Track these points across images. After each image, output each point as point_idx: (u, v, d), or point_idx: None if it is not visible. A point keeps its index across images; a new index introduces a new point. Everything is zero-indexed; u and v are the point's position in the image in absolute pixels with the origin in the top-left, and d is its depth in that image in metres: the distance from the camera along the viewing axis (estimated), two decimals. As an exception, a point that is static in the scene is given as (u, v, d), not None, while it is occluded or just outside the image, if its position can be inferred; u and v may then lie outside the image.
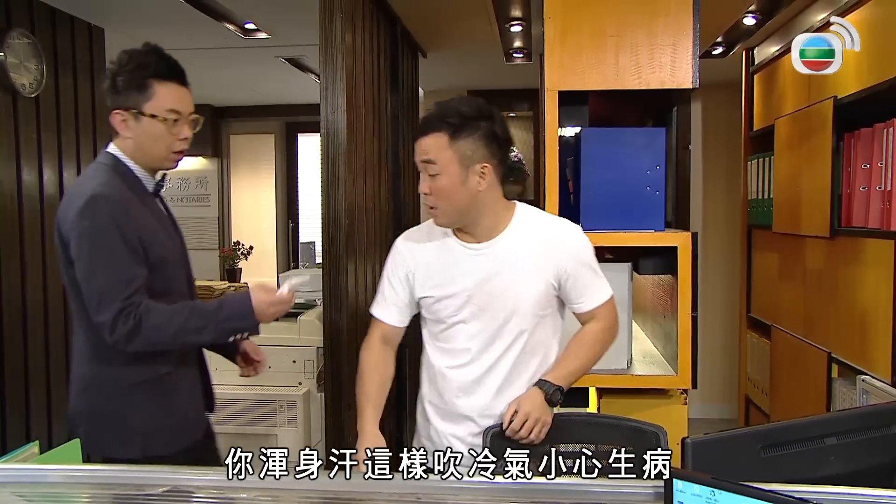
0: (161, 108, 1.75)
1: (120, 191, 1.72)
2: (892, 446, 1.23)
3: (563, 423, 1.78)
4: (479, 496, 1.11)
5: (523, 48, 4.15)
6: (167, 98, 1.76)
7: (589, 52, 2.43)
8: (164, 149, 1.78)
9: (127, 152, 1.79)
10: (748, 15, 3.41)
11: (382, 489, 1.13)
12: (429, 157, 1.69)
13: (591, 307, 1.81)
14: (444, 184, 1.69)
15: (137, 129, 1.76)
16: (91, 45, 3.71)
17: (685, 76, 2.39)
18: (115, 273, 1.66)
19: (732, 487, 0.99)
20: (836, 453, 1.21)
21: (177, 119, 1.77)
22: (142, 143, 1.77)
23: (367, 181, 3.16)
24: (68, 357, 3.50)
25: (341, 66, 2.78)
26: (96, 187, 1.69)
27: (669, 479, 1.06)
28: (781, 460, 1.18)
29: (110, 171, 1.76)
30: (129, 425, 1.72)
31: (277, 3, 3.36)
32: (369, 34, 3.22)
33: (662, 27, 2.39)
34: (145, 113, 1.74)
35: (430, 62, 4.48)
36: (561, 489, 1.11)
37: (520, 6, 3.39)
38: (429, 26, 3.88)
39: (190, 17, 3.47)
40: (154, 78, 1.75)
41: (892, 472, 1.22)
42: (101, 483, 1.15)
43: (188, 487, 1.09)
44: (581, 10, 2.43)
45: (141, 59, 1.77)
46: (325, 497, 1.15)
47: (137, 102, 1.74)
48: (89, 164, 3.59)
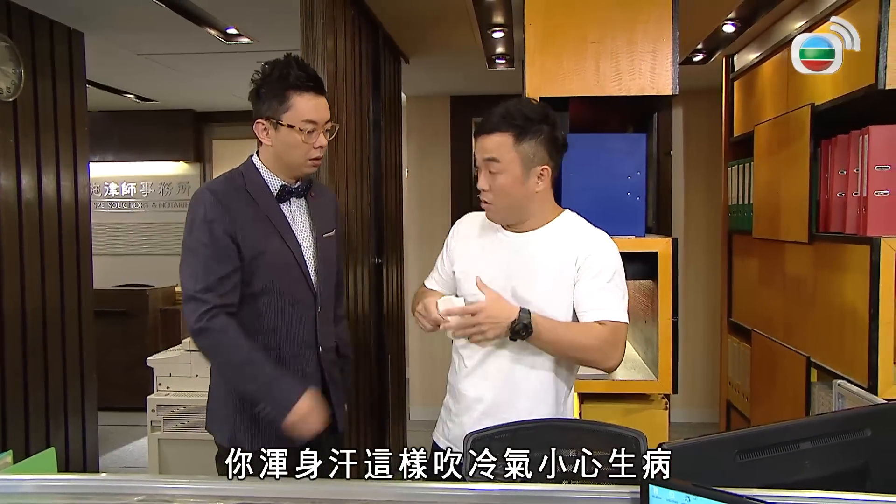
0: (297, 119, 1.84)
1: (227, 190, 1.85)
2: (865, 450, 1.24)
3: (545, 429, 1.78)
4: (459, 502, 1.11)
5: (506, 54, 4.17)
6: (304, 109, 1.84)
7: (570, 59, 2.45)
8: (300, 156, 1.87)
9: (265, 159, 1.92)
10: (727, 22, 3.45)
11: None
12: (492, 156, 1.76)
13: (593, 319, 1.77)
14: (504, 182, 1.76)
15: (276, 137, 1.86)
16: (70, 49, 3.69)
17: (665, 83, 2.41)
18: (195, 267, 1.80)
19: (706, 493, 1.00)
20: (811, 458, 1.21)
21: (312, 129, 1.85)
22: (279, 151, 1.88)
23: (348, 186, 3.16)
24: (47, 364, 3.48)
25: (322, 72, 2.78)
26: (206, 185, 1.88)
27: (645, 484, 1.06)
28: (757, 465, 1.19)
29: (235, 173, 1.92)
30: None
31: (260, 8, 3.35)
32: (351, 40, 3.22)
33: (642, 34, 2.41)
34: (283, 123, 1.84)
35: (412, 67, 4.48)
36: (538, 495, 1.12)
37: (501, 13, 3.41)
38: (411, 32, 3.89)
39: (172, 22, 3.46)
40: (293, 89, 1.83)
41: (864, 476, 1.23)
42: (75, 493, 1.14)
43: (164, 496, 1.08)
44: (562, 17, 2.45)
45: (282, 69, 1.85)
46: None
47: (276, 113, 1.84)
48: (68, 171, 3.62)
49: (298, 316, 1.91)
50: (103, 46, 3.95)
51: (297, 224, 1.95)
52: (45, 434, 3.45)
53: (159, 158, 6.53)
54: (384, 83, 3.88)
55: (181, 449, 3.37)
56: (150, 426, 3.40)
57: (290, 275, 1.90)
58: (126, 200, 6.67)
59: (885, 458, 1.25)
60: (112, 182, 6.66)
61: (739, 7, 3.21)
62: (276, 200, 1.91)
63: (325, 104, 1.89)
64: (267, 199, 1.90)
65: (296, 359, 1.91)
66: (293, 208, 1.95)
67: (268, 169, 1.92)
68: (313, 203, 1.99)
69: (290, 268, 1.89)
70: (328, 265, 2.00)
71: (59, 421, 3.58)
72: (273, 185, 1.92)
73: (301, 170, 1.91)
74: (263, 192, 1.90)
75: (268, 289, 1.87)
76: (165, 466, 3.35)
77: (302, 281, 1.92)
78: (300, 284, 1.91)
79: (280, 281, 1.88)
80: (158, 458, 3.37)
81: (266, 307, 1.88)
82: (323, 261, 1.97)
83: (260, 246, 1.85)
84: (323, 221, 2.01)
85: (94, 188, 6.45)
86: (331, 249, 2.03)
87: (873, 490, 1.20)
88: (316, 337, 1.95)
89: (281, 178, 1.92)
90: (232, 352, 1.80)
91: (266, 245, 1.86)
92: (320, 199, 2.03)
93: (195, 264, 1.81)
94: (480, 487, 1.14)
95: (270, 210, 1.89)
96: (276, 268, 1.87)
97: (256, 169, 1.92)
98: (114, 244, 6.50)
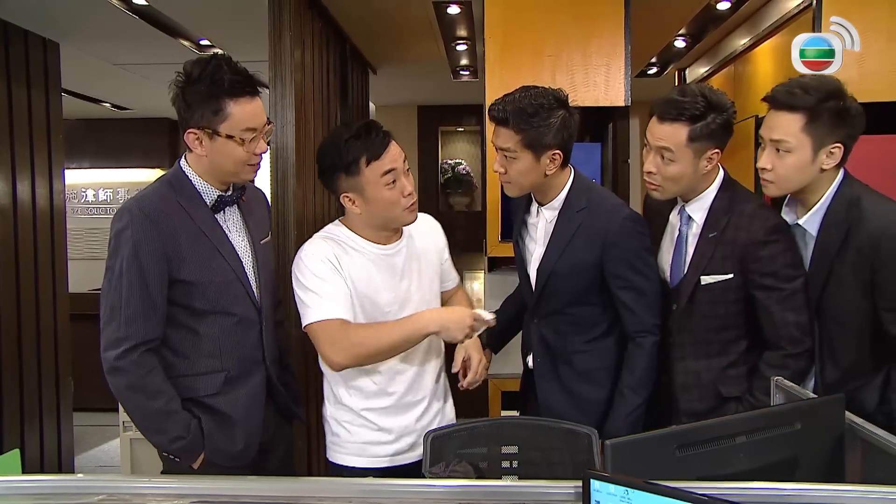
0: (236, 129, 1.68)
1: (158, 205, 1.70)
2: (795, 442, 1.30)
3: (500, 426, 1.84)
4: (405, 498, 1.15)
5: (469, 66, 4.25)
6: (242, 117, 1.69)
7: (527, 71, 2.53)
8: (239, 165, 1.73)
9: (196, 167, 1.76)
10: (679, 38, 3.59)
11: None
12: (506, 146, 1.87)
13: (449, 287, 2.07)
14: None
15: (212, 148, 1.70)
16: (46, 58, 3.69)
17: (618, 95, 2.51)
18: (114, 298, 1.67)
19: (643, 486, 1.05)
20: (746, 451, 1.26)
21: (252, 137, 1.72)
22: (216, 162, 1.72)
23: (315, 193, 3.20)
24: (22, 367, 3.46)
25: (290, 82, 2.83)
26: (134, 200, 1.71)
27: (586, 479, 1.11)
28: (695, 459, 1.23)
29: (164, 183, 1.75)
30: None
31: (230, 20, 3.40)
32: (318, 51, 3.27)
33: (596, 49, 2.51)
34: (220, 134, 1.68)
35: (380, 78, 4.54)
36: (484, 491, 1.14)
37: (465, 26, 3.49)
38: (378, 44, 3.96)
39: (145, 33, 3.50)
40: (227, 96, 1.67)
41: (794, 466, 1.30)
42: (37, 493, 1.15)
43: (126, 495, 1.11)
44: (520, 32, 2.54)
45: (213, 73, 1.66)
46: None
47: (211, 123, 1.67)
48: (43, 178, 3.60)
49: (244, 334, 1.80)
50: (78, 56, 3.97)
51: (234, 234, 1.81)
52: (20, 435, 3.44)
53: (135, 165, 6.56)
54: (352, 93, 3.93)
55: (153, 448, 3.36)
56: (123, 426, 3.38)
57: (231, 293, 1.76)
58: (103, 206, 6.71)
59: (813, 449, 1.32)
60: (89, 188, 6.70)
61: (689, 24, 3.34)
62: (212, 211, 1.77)
63: (260, 106, 1.74)
64: (202, 212, 1.74)
65: (244, 378, 1.80)
66: (227, 217, 1.81)
67: (200, 178, 1.76)
68: (246, 207, 1.86)
69: (231, 285, 1.76)
70: (268, 275, 1.88)
71: (34, 422, 3.57)
72: (207, 195, 1.76)
73: (240, 177, 1.78)
74: (197, 203, 1.74)
75: (209, 310, 1.74)
76: (137, 466, 3.35)
77: (245, 297, 1.79)
78: (243, 302, 1.79)
79: (222, 300, 1.75)
80: (130, 457, 3.37)
81: (209, 329, 1.75)
82: (263, 271, 1.85)
83: (196, 266, 1.71)
84: (258, 226, 1.88)
85: (72, 194, 6.45)
86: (269, 256, 1.92)
87: (802, 479, 1.26)
88: (263, 352, 1.84)
89: (215, 186, 1.77)
90: (148, 400, 1.69)
91: (203, 265, 1.72)
92: (252, 201, 1.90)
93: (114, 295, 1.67)
94: (424, 483, 1.16)
95: (206, 223, 1.74)
96: (216, 287, 1.74)
97: (187, 177, 1.76)
98: (91, 249, 6.45)
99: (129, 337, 1.66)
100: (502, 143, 1.88)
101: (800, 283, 1.79)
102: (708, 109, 1.77)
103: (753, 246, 1.79)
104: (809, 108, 1.71)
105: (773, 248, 1.78)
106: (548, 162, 1.88)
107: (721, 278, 1.83)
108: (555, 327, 2.01)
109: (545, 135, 1.84)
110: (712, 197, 1.88)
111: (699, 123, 1.78)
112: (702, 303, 1.87)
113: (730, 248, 1.82)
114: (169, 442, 1.72)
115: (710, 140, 1.80)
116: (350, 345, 1.75)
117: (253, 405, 1.82)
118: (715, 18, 3.21)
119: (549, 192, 1.96)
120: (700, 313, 1.88)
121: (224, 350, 1.77)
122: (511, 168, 1.89)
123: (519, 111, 1.83)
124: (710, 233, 1.85)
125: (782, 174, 1.77)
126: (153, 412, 1.70)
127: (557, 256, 1.95)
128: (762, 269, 1.79)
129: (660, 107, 1.82)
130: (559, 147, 1.87)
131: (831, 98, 1.72)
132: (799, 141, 1.73)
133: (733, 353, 1.88)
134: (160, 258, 1.67)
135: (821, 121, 1.72)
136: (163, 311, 1.70)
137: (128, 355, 1.66)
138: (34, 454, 3.58)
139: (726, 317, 1.87)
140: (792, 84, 1.76)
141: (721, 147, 1.83)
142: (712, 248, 1.84)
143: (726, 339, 1.88)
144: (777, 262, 1.78)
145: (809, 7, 2.43)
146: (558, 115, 1.85)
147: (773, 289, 1.78)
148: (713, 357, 1.89)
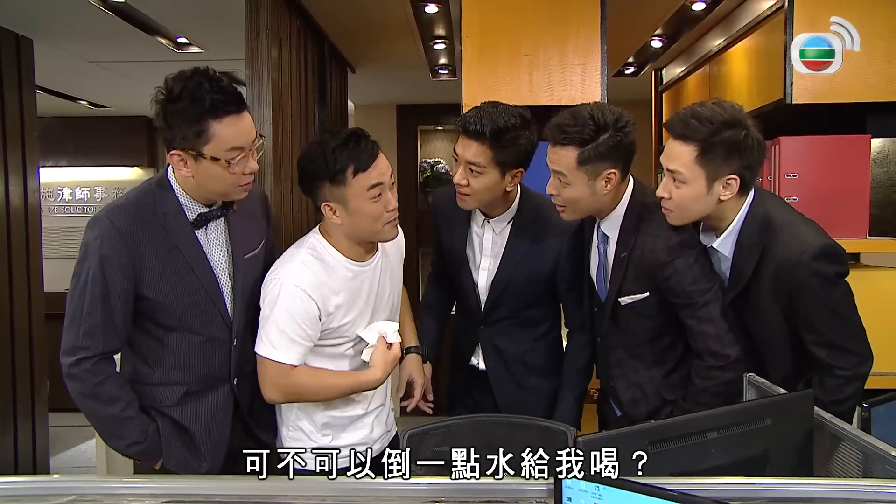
0: (221, 150, 1.59)
1: (132, 218, 1.63)
2: (765, 438, 1.33)
3: (476, 425, 1.85)
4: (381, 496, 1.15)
5: (448, 65, 4.25)
6: (228, 138, 1.59)
7: (504, 70, 2.54)
8: (229, 185, 1.65)
9: (183, 183, 1.67)
10: (655, 38, 3.62)
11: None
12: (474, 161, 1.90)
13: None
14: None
15: (197, 170, 1.61)
16: (19, 55, 3.61)
17: (594, 94, 2.52)
18: (77, 306, 1.63)
19: (614, 482, 1.06)
20: (717, 446, 1.29)
21: (240, 156, 1.61)
22: (203, 183, 1.64)
23: (293, 192, 3.19)
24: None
25: (267, 80, 2.82)
26: (108, 210, 1.65)
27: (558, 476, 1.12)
28: (667, 455, 1.25)
29: (145, 192, 1.68)
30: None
31: (208, 19, 3.38)
32: (296, 50, 3.26)
33: (573, 48, 2.52)
34: (205, 156, 1.59)
35: (359, 77, 4.53)
36: (459, 488, 1.15)
37: (443, 26, 3.49)
38: (356, 43, 3.95)
39: (122, 30, 3.46)
40: (210, 116, 1.56)
41: (765, 461, 1.32)
42: (8, 496, 1.15)
43: (94, 496, 1.10)
44: (497, 31, 2.54)
45: (193, 91, 1.56)
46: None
47: (195, 144, 1.58)
48: (17, 176, 3.54)
49: (211, 352, 1.74)
50: (53, 53, 3.91)
51: (215, 249, 1.73)
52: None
53: (113, 164, 6.50)
54: (330, 92, 3.92)
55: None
56: (98, 427, 3.35)
57: (200, 313, 1.71)
58: (80, 205, 6.63)
59: (783, 444, 1.34)
60: (66, 187, 6.62)
61: (665, 24, 3.38)
62: (192, 227, 1.69)
63: (249, 122, 1.64)
64: (179, 226, 1.67)
65: (205, 393, 1.76)
66: (209, 231, 1.73)
67: (185, 192, 1.68)
68: (234, 218, 1.76)
69: (201, 305, 1.70)
70: (248, 291, 1.77)
71: (7, 424, 3.52)
72: (189, 210, 1.69)
73: (230, 197, 1.70)
74: (176, 217, 1.67)
75: (176, 327, 1.70)
76: (114, 467, 3.31)
77: (215, 317, 1.73)
78: (213, 321, 1.73)
79: (188, 320, 1.70)
80: (106, 458, 3.33)
81: (175, 343, 1.71)
82: (242, 288, 1.76)
83: (165, 286, 1.65)
84: (246, 238, 1.79)
85: (48, 193, 6.37)
86: (254, 270, 1.80)
87: (772, 474, 1.29)
88: (230, 370, 1.78)
89: (200, 203, 1.70)
90: (103, 407, 1.66)
91: (173, 283, 1.66)
92: (244, 208, 1.80)
93: (77, 304, 1.63)
94: (398, 482, 1.16)
95: (182, 238, 1.67)
96: (184, 307, 1.68)
97: (171, 189, 1.68)
98: (67, 248, 6.36)
99: (85, 348, 1.63)
100: (472, 157, 1.87)
101: (712, 295, 1.78)
102: (598, 132, 1.76)
103: (659, 267, 1.80)
104: (701, 139, 1.67)
105: (676, 265, 1.78)
106: (510, 179, 1.92)
107: (638, 297, 1.86)
108: (503, 330, 2.09)
109: (516, 154, 1.88)
110: (622, 214, 1.87)
111: (588, 146, 1.76)
112: (628, 318, 1.90)
113: (639, 269, 1.83)
114: (126, 447, 1.71)
115: (602, 161, 1.78)
116: (291, 390, 1.76)
117: (214, 421, 1.77)
118: (690, 19, 3.24)
119: (502, 205, 2.01)
120: (628, 329, 1.92)
121: (188, 365, 1.73)
122: (475, 182, 1.89)
123: (497, 130, 1.84)
124: (622, 252, 1.86)
125: (679, 203, 1.74)
126: (108, 418, 1.68)
127: (513, 267, 2.01)
128: (671, 289, 1.80)
129: (550, 131, 1.80)
130: (523, 165, 1.92)
131: (727, 128, 1.67)
132: (692, 172, 1.70)
133: (671, 359, 1.91)
134: (126, 276, 1.62)
135: (714, 153, 1.67)
136: (125, 324, 1.66)
137: (82, 363, 1.63)
138: (7, 455, 3.53)
139: (654, 329, 1.90)
140: (687, 113, 1.71)
141: (618, 166, 1.80)
142: (624, 268, 1.85)
143: (661, 347, 1.91)
144: (684, 280, 1.78)
145: (782, 9, 2.46)
146: (526, 135, 1.89)
147: (686, 306, 1.79)
148: (651, 367, 1.92)
